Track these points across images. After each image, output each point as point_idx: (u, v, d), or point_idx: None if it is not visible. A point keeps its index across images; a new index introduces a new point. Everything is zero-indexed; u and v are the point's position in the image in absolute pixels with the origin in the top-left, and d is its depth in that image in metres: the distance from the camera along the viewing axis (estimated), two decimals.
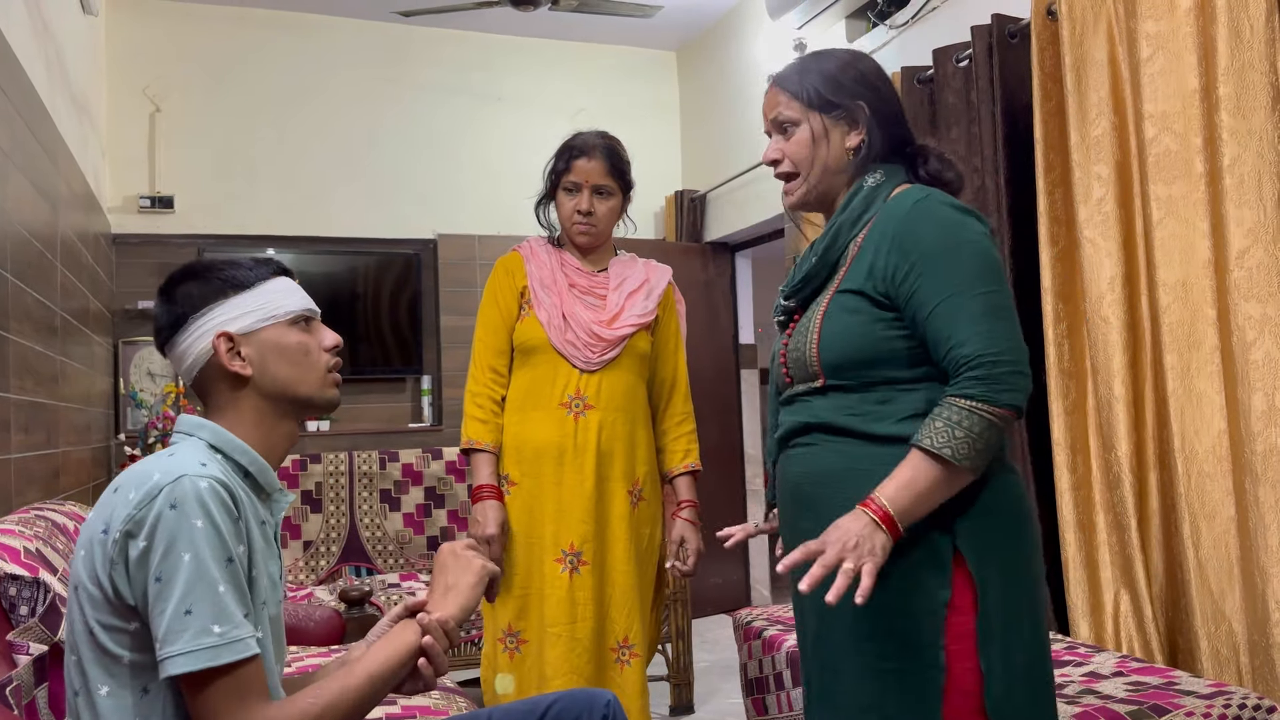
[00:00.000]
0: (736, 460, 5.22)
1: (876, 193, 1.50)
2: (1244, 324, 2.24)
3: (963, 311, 1.36)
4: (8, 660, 1.47)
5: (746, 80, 4.95)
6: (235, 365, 1.31)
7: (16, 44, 2.55)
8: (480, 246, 5.13)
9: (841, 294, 1.47)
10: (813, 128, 1.53)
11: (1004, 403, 1.32)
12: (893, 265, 1.42)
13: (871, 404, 1.44)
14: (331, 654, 2.57)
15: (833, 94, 1.52)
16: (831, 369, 1.46)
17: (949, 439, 1.31)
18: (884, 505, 1.32)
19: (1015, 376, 1.34)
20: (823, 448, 1.48)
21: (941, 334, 1.37)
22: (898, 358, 1.42)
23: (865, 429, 1.43)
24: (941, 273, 1.38)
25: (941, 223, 1.42)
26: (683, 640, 3.51)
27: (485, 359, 2.30)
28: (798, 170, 1.56)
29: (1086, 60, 2.64)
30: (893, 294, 1.42)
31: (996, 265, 1.41)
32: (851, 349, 1.44)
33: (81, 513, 2.19)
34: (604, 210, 2.29)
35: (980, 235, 1.42)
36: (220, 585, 1.15)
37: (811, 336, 1.48)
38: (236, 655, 1.15)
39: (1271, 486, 2.18)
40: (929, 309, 1.38)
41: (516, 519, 2.24)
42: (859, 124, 1.53)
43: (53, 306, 2.96)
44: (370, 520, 4.07)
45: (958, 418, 1.32)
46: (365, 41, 5.02)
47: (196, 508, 1.16)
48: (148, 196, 4.61)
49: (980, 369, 1.33)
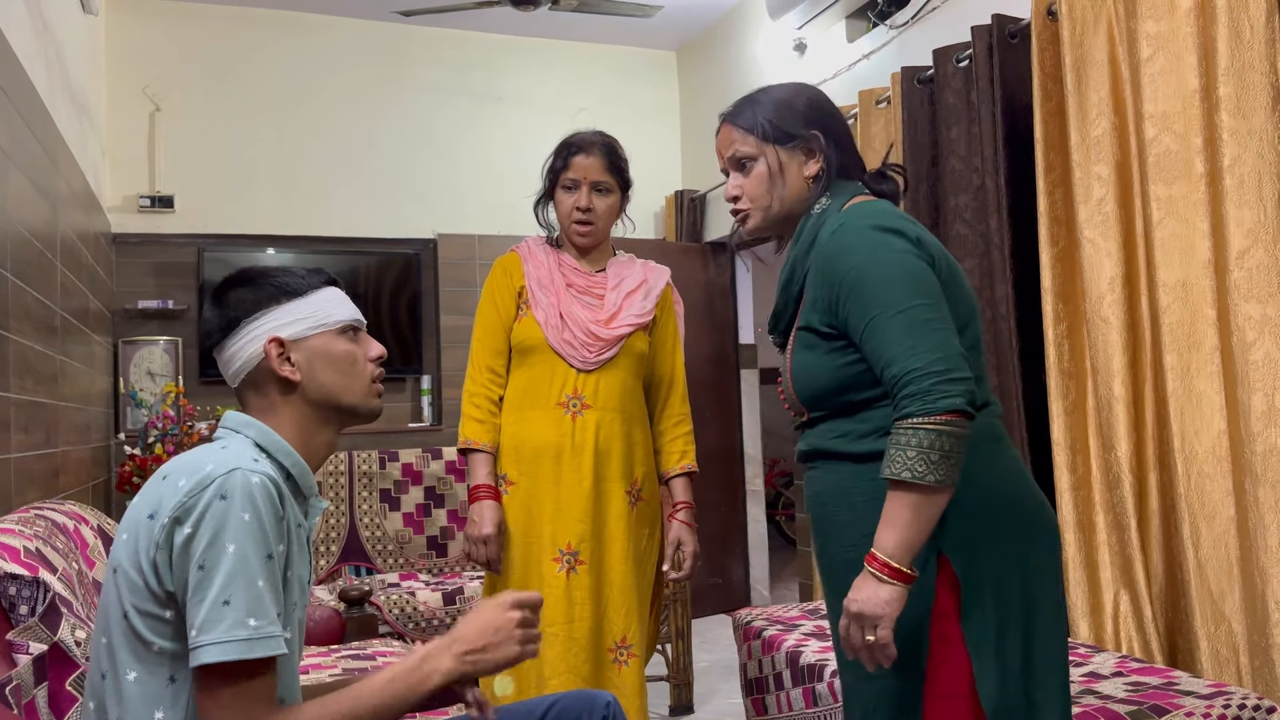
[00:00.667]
0: (736, 460, 5.22)
1: (821, 220, 1.53)
2: (1244, 324, 2.24)
3: (885, 333, 1.39)
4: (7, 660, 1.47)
5: (747, 80, 4.95)
6: (285, 370, 1.34)
7: (17, 43, 2.55)
8: (480, 246, 5.13)
9: (799, 331, 1.52)
10: (769, 162, 1.56)
11: (941, 409, 1.33)
12: (825, 298, 1.46)
13: (850, 425, 1.48)
14: (331, 653, 2.58)
15: (788, 125, 1.55)
16: (809, 403, 1.53)
17: (904, 462, 1.33)
18: (878, 554, 1.35)
19: (945, 384, 1.34)
20: (821, 471, 1.55)
21: (874, 357, 1.41)
22: (860, 381, 1.45)
23: (848, 449, 1.48)
24: (861, 298, 1.41)
25: (855, 248, 1.44)
26: (682, 640, 3.51)
27: (483, 359, 2.30)
28: (754, 205, 1.58)
29: (1087, 60, 2.64)
30: (835, 324, 1.46)
31: (915, 278, 1.41)
32: (817, 384, 1.50)
33: (81, 512, 2.19)
34: (603, 207, 2.29)
35: (898, 251, 1.42)
36: (260, 580, 1.17)
37: (787, 376, 1.55)
38: (268, 651, 1.17)
39: (1271, 486, 2.18)
40: (859, 335, 1.42)
41: (514, 519, 2.24)
42: (815, 152, 1.55)
43: (52, 306, 2.96)
44: (370, 520, 4.07)
45: (904, 439, 1.34)
46: (365, 41, 5.02)
47: (245, 501, 1.18)
48: (148, 196, 4.61)
49: (910, 385, 1.35)
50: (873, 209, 1.50)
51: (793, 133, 1.54)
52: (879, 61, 3.93)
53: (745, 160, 1.57)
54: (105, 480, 4.16)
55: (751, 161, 1.57)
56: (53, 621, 1.55)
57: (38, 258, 2.73)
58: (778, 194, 1.56)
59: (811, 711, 2.29)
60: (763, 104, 1.57)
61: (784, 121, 1.54)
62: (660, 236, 5.48)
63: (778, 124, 1.54)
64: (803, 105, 1.56)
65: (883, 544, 1.35)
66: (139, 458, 3.99)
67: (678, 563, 2.31)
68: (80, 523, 2.10)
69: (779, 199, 1.56)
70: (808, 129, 1.54)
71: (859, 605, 1.35)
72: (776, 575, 5.63)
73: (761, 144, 1.55)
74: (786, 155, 1.55)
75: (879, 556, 1.35)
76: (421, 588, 3.56)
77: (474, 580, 3.63)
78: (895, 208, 1.55)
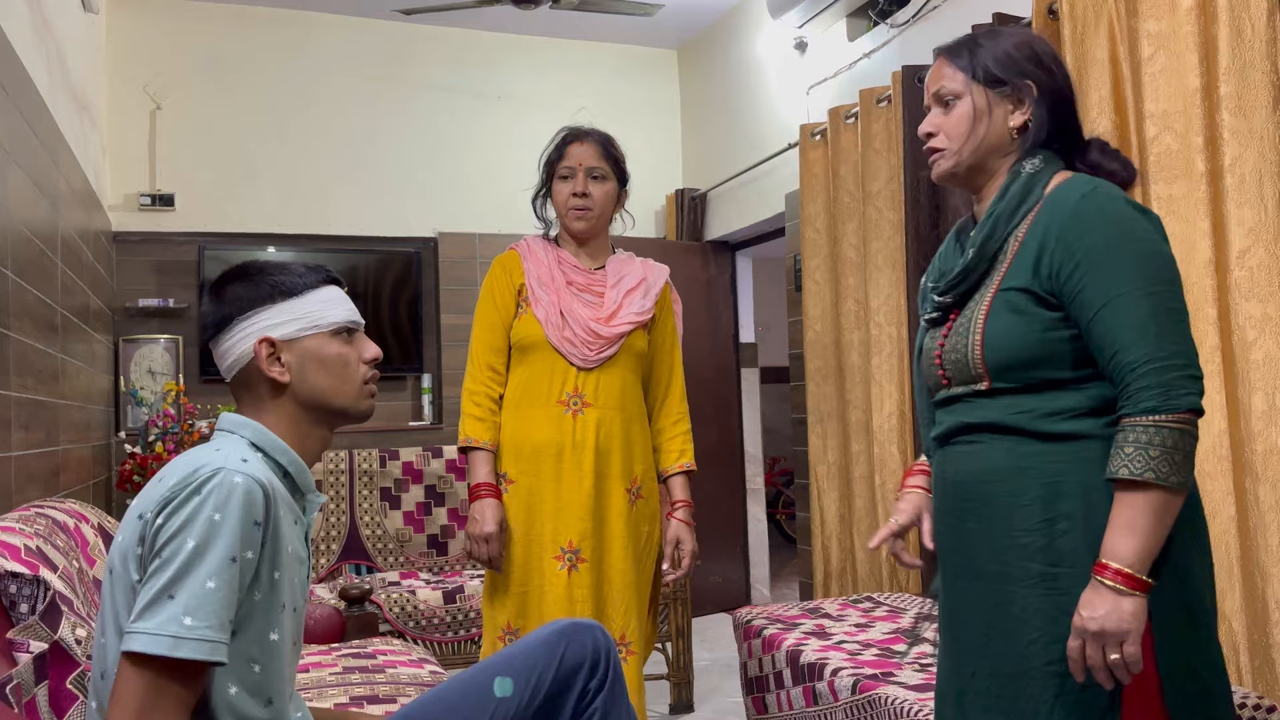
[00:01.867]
0: (736, 460, 5.22)
1: (1035, 180, 1.43)
2: (1244, 323, 2.24)
3: (1128, 315, 1.30)
4: (8, 658, 1.47)
5: (747, 79, 4.95)
6: (274, 371, 1.33)
7: (17, 42, 2.55)
8: (481, 245, 5.13)
9: (1005, 291, 1.40)
10: (975, 102, 1.45)
11: (1184, 407, 1.26)
12: (1058, 262, 1.36)
13: (1039, 402, 1.38)
14: (331, 651, 2.58)
15: (1001, 70, 1.45)
16: (997, 371, 1.40)
17: (1146, 461, 1.25)
18: (1116, 565, 1.26)
19: (1188, 380, 1.27)
20: (989, 446, 1.42)
21: (1106, 338, 1.32)
22: (1065, 358, 1.37)
23: (1034, 427, 1.38)
24: (1107, 273, 1.32)
25: (1110, 218, 1.34)
26: (682, 639, 3.51)
27: (482, 357, 2.30)
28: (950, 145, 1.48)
29: (1087, 59, 2.64)
30: (1058, 292, 1.36)
31: (1167, 266, 1.33)
32: (1018, 350, 1.38)
33: (82, 510, 2.19)
34: (600, 194, 2.29)
35: (1150, 234, 1.34)
36: (210, 581, 1.15)
37: (974, 338, 1.42)
38: (195, 654, 1.13)
39: (1271, 486, 2.18)
40: (1093, 311, 1.32)
41: (515, 517, 2.23)
42: (1025, 103, 1.45)
43: (53, 304, 2.96)
44: (370, 518, 4.07)
45: (1146, 437, 1.26)
46: (366, 40, 5.02)
47: (219, 501, 1.17)
48: (148, 194, 4.61)
49: (1149, 376, 1.27)
50: (1116, 187, 1.40)
51: (1004, 78, 1.44)
52: (880, 60, 3.93)
53: (950, 97, 1.48)
54: (106, 478, 4.16)
55: (956, 99, 1.47)
56: (53, 620, 1.55)
57: (38, 256, 2.73)
58: (976, 137, 1.45)
59: (812, 710, 2.29)
60: (984, 45, 1.47)
61: (1000, 65, 1.45)
62: (661, 235, 5.48)
63: (992, 66, 1.45)
64: (1026, 54, 1.45)
65: (1119, 552, 1.26)
66: (139, 456, 4.00)
67: (676, 561, 2.31)
68: (81, 521, 2.10)
69: (975, 143, 1.46)
70: (1022, 78, 1.44)
71: (1099, 623, 1.26)
72: (777, 574, 5.63)
73: (970, 83, 1.46)
74: (994, 99, 1.45)
75: (1115, 566, 1.26)
76: (422, 586, 3.56)
77: (474, 579, 3.63)
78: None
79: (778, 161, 4.60)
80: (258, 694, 1.25)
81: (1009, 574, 1.37)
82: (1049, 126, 1.45)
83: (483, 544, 2.20)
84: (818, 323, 4.03)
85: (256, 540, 1.21)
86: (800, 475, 4.36)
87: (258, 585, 1.22)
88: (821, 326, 4.01)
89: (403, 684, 2.26)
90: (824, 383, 3.98)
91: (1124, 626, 1.25)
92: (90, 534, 2.10)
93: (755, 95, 4.89)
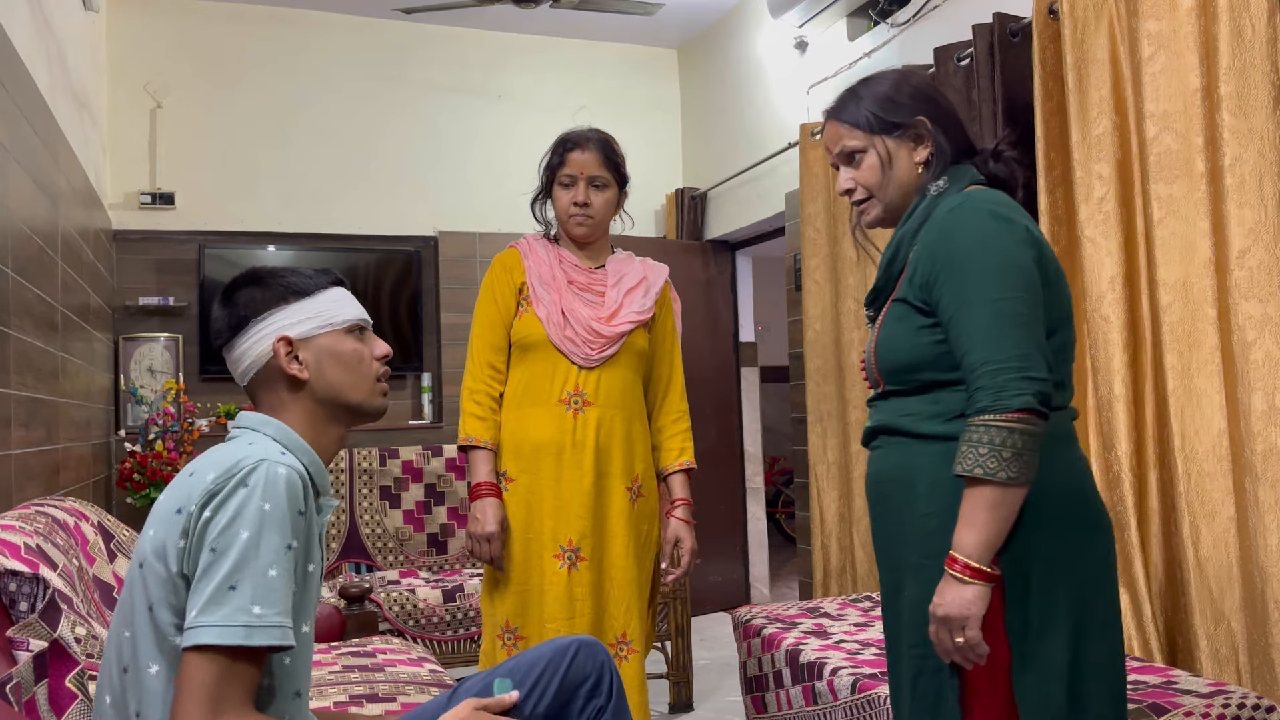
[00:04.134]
0: (736, 459, 5.22)
1: (936, 202, 1.53)
2: (1244, 323, 2.24)
3: (972, 320, 1.39)
4: (8, 657, 1.47)
5: (747, 78, 4.95)
6: (293, 369, 1.36)
7: (18, 40, 2.55)
8: (481, 243, 5.13)
9: (895, 303, 1.53)
10: (879, 152, 1.56)
11: (1014, 406, 1.34)
12: (925, 273, 1.46)
13: (923, 404, 1.49)
14: (331, 650, 2.58)
15: (890, 114, 1.55)
16: (886, 374, 1.54)
17: (975, 458, 1.35)
18: (958, 555, 1.37)
19: (1019, 381, 1.35)
20: (886, 449, 1.55)
21: (956, 343, 1.42)
22: (942, 361, 1.46)
23: (915, 429, 1.49)
24: (960, 281, 1.42)
25: (967, 230, 1.44)
26: (682, 638, 3.51)
27: (483, 355, 2.30)
28: (872, 194, 1.59)
29: (1088, 59, 2.64)
30: (929, 300, 1.47)
31: (1018, 270, 1.41)
32: (900, 354, 1.50)
33: (82, 508, 2.19)
34: (600, 202, 2.29)
35: (1008, 241, 1.42)
36: (271, 569, 1.18)
37: (872, 346, 1.56)
38: (268, 640, 1.16)
39: (1271, 486, 2.18)
40: (948, 317, 1.43)
41: (515, 515, 2.24)
42: (924, 138, 1.56)
43: (53, 302, 2.96)
44: (370, 517, 4.07)
45: (977, 436, 1.35)
46: (367, 39, 5.02)
47: (267, 490, 1.20)
48: (148, 193, 4.61)
49: (984, 379, 1.37)
50: (992, 196, 1.50)
51: (898, 121, 1.55)
52: (880, 60, 3.93)
53: (854, 153, 1.58)
54: (105, 477, 4.16)
55: (861, 154, 1.58)
56: (52, 618, 1.55)
57: (38, 254, 2.73)
58: (891, 182, 1.56)
59: (811, 709, 2.29)
60: (865, 97, 1.58)
61: (888, 111, 1.55)
62: (661, 234, 5.47)
63: (882, 115, 1.55)
64: (907, 93, 1.56)
65: (962, 545, 1.37)
66: (139, 454, 4.00)
67: (676, 559, 2.31)
68: (80, 519, 2.10)
69: (892, 186, 1.56)
70: (912, 116, 1.55)
71: (944, 608, 1.37)
72: (776, 573, 5.63)
73: (869, 136, 1.56)
74: (894, 144, 1.56)
75: (958, 558, 1.37)
76: (422, 585, 3.56)
77: (474, 577, 3.63)
78: (1011, 199, 1.54)
79: (778, 161, 4.60)
80: (287, 686, 1.28)
81: (901, 566, 1.51)
82: (951, 150, 1.56)
83: (484, 543, 2.20)
84: (817, 322, 4.03)
85: (301, 530, 1.24)
86: (800, 474, 4.36)
87: (295, 576, 1.24)
88: (821, 326, 4.01)
89: (402, 683, 2.26)
90: (824, 382, 3.98)
91: (964, 612, 1.36)
92: (90, 532, 2.10)
93: (755, 95, 4.89)
